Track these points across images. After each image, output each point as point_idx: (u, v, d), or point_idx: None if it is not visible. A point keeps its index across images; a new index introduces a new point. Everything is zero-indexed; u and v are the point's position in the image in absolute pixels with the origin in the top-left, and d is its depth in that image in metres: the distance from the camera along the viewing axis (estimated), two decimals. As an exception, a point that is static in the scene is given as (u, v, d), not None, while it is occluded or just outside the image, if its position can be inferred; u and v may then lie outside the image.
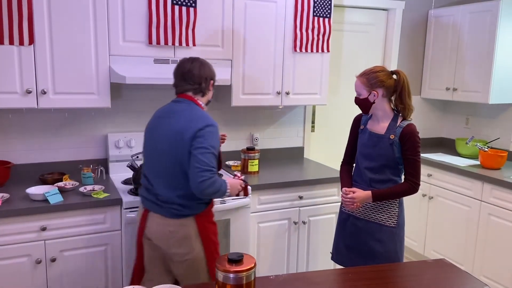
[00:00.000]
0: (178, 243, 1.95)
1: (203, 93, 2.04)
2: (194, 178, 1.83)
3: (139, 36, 2.55)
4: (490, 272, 3.11)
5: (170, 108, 2.01)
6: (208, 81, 2.04)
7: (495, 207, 3.05)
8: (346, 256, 2.29)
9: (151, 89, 2.97)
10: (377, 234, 2.18)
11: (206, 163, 1.83)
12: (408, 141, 2.09)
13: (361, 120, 2.31)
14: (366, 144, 2.20)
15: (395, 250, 2.19)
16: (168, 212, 1.95)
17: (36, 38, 2.32)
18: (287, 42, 2.99)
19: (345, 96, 3.83)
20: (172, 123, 1.93)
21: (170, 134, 1.92)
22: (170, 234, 1.95)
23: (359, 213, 2.23)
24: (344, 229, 2.30)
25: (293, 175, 2.98)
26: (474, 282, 1.71)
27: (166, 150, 1.92)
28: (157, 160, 1.96)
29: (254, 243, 2.81)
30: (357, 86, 2.16)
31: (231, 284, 1.41)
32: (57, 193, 2.30)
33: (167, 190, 1.94)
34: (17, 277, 2.23)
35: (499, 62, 3.36)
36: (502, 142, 3.65)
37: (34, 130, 2.71)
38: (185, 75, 2.00)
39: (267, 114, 3.41)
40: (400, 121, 2.15)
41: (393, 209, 2.18)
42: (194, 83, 2.01)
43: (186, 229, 1.95)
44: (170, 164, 1.92)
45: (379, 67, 2.15)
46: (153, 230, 1.99)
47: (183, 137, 1.88)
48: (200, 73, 2.00)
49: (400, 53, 3.91)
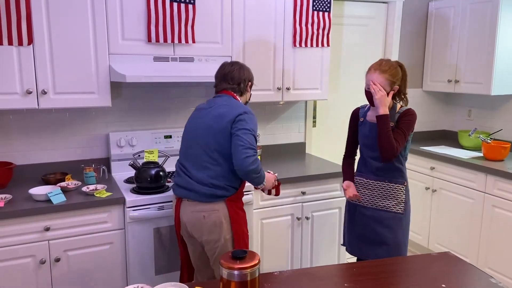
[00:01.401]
0: (210, 229, 2.03)
1: (241, 92, 2.21)
2: (238, 155, 1.96)
3: (138, 34, 2.54)
4: (495, 264, 3.11)
5: (211, 101, 2.19)
6: (246, 82, 2.21)
7: (499, 198, 3.04)
8: (357, 247, 2.35)
9: (151, 87, 2.96)
10: (385, 221, 2.24)
11: (249, 142, 1.98)
12: (403, 118, 2.17)
13: (359, 113, 2.36)
14: (368, 135, 2.25)
15: (403, 236, 2.26)
16: (199, 195, 2.03)
17: (35, 38, 2.31)
18: (287, 37, 2.97)
19: (346, 90, 3.81)
20: (212, 111, 2.11)
21: (209, 118, 2.08)
22: (203, 219, 2.03)
23: (367, 202, 2.29)
24: (353, 220, 2.36)
25: (295, 170, 2.97)
26: (480, 275, 1.71)
27: (204, 132, 2.08)
28: (194, 143, 2.10)
29: (257, 239, 2.81)
30: (380, 82, 2.14)
31: (236, 281, 1.41)
32: (60, 193, 2.30)
33: (200, 172, 2.06)
34: (21, 277, 2.23)
35: (501, 53, 3.34)
36: (505, 133, 3.63)
37: (35, 131, 2.70)
38: (226, 76, 2.18)
39: (268, 110, 3.40)
40: (399, 108, 2.23)
41: (400, 196, 2.23)
42: (233, 83, 2.18)
43: (218, 214, 2.03)
44: (205, 145, 2.06)
45: (394, 61, 2.20)
46: (187, 218, 2.09)
47: (222, 120, 2.04)
48: (239, 75, 2.18)
49: (400, 46, 3.88)
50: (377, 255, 2.26)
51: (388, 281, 1.64)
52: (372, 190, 2.28)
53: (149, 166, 2.47)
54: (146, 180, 2.44)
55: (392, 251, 2.24)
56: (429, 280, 1.66)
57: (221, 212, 2.05)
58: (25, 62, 2.31)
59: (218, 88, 2.23)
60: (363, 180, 2.32)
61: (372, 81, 2.14)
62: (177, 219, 2.18)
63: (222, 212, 2.05)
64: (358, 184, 2.35)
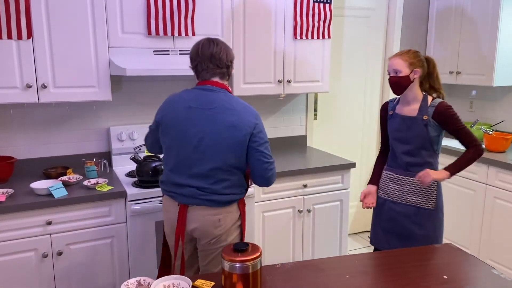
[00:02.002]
0: (223, 230, 1.94)
1: (229, 76, 1.96)
2: (264, 173, 1.91)
3: (138, 27, 2.52)
4: (497, 256, 3.11)
5: (205, 98, 1.87)
6: (232, 64, 1.95)
7: (500, 190, 3.03)
8: (383, 240, 2.32)
9: (151, 80, 2.95)
10: (415, 217, 2.21)
11: (271, 155, 1.92)
12: (446, 117, 2.12)
13: (388, 106, 2.32)
14: (398, 129, 2.22)
15: (434, 232, 2.22)
16: (215, 203, 1.90)
17: (34, 32, 2.30)
18: (288, 30, 2.96)
19: (347, 83, 3.80)
20: (219, 116, 1.84)
21: (220, 127, 1.83)
22: (219, 222, 1.92)
23: (396, 197, 2.25)
24: (381, 214, 2.33)
25: (297, 163, 2.97)
26: (481, 266, 1.71)
27: (217, 144, 1.84)
28: (200, 153, 1.86)
29: (259, 232, 2.82)
30: (397, 64, 2.13)
31: (238, 274, 1.41)
32: (61, 187, 2.31)
33: (214, 185, 1.88)
34: (24, 271, 2.24)
35: (503, 44, 3.32)
36: (507, 124, 3.62)
37: (36, 125, 2.70)
38: (214, 57, 1.87)
39: (269, 103, 3.39)
40: (431, 100, 2.17)
41: (431, 192, 2.19)
42: (222, 67, 1.90)
43: (232, 216, 1.96)
44: (221, 160, 1.86)
45: (419, 52, 2.18)
46: (198, 223, 1.91)
47: (238, 132, 1.84)
48: (227, 57, 1.90)
49: (402, 37, 3.86)
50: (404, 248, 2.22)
51: (389, 273, 1.64)
52: (402, 186, 2.22)
53: (150, 160, 2.47)
54: (147, 174, 2.44)
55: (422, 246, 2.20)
56: (431, 271, 1.66)
57: (235, 214, 1.97)
58: (24, 56, 2.30)
59: (206, 74, 1.90)
60: (393, 175, 2.27)
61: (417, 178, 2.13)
62: (181, 225, 1.93)
63: (236, 212, 1.98)
64: (387, 178, 2.29)
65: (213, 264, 2.00)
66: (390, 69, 2.16)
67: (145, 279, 1.58)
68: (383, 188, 2.32)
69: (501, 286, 1.55)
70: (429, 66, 2.19)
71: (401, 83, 2.13)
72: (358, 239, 3.99)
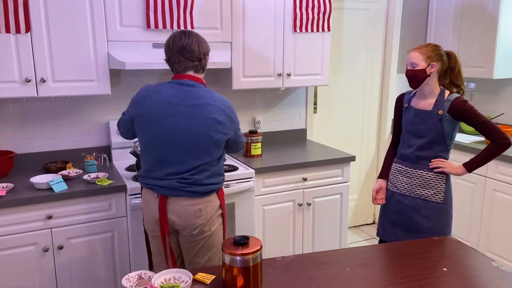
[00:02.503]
0: (205, 221, 1.95)
1: (203, 70, 1.96)
2: (239, 148, 2.11)
3: (136, 20, 2.51)
4: (496, 248, 3.12)
5: (186, 94, 1.87)
6: (206, 57, 1.94)
7: (500, 182, 3.04)
8: (390, 233, 2.32)
9: (151, 74, 2.94)
10: (423, 210, 2.21)
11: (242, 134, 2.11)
12: (463, 111, 2.10)
13: (404, 99, 2.31)
14: (412, 122, 2.21)
15: (442, 226, 2.21)
16: (195, 193, 1.91)
17: (32, 26, 2.29)
18: (287, 22, 2.94)
19: (347, 76, 3.79)
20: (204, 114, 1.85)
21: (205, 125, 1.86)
22: (199, 213, 1.93)
23: (405, 190, 2.25)
24: (388, 206, 2.33)
25: (297, 157, 2.97)
26: (481, 258, 1.71)
27: (201, 140, 1.86)
28: (185, 150, 1.87)
29: (259, 225, 2.82)
30: (414, 57, 2.12)
31: (238, 267, 1.42)
32: (61, 181, 2.31)
33: (195, 175, 1.90)
34: (25, 265, 2.25)
35: (503, 36, 3.30)
36: (507, 117, 3.61)
37: (35, 119, 2.70)
38: (184, 50, 1.87)
39: (268, 96, 3.38)
40: (448, 95, 2.16)
41: (439, 185, 2.19)
42: (194, 59, 1.89)
43: (213, 204, 1.97)
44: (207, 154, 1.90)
45: (439, 46, 2.16)
46: (179, 214, 1.91)
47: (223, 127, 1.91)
48: (199, 49, 1.89)
49: (402, 29, 3.84)
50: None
51: (389, 265, 1.65)
52: (411, 178, 2.22)
53: (150, 154, 2.47)
54: (147, 168, 2.44)
55: None
56: (431, 263, 1.66)
57: (215, 203, 1.98)
58: (23, 50, 2.29)
59: (178, 67, 1.91)
60: (402, 168, 2.26)
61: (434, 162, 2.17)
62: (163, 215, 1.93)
63: (216, 202, 1.99)
64: (396, 171, 2.29)
65: (198, 256, 2.00)
66: (408, 62, 2.15)
67: (146, 272, 1.58)
68: (392, 180, 2.32)
69: (500, 278, 1.56)
70: (451, 60, 2.17)
71: (417, 76, 2.11)
72: (358, 232, 4.00)
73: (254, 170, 2.67)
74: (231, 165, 2.75)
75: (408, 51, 2.18)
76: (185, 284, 1.44)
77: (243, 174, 2.63)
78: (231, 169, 2.67)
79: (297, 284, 1.51)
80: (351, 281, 1.53)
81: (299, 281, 1.53)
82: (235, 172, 2.63)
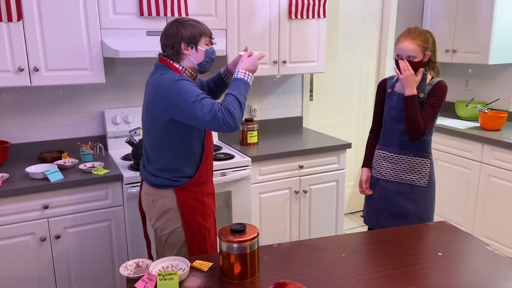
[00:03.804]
0: (157, 215, 1.91)
1: (179, 57, 1.84)
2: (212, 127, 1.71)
3: (130, 7, 2.48)
4: (491, 232, 3.15)
5: (150, 77, 1.88)
6: (179, 44, 1.80)
7: (495, 168, 3.06)
8: (375, 219, 2.33)
9: (145, 62, 2.92)
10: (409, 195, 2.22)
11: (205, 112, 1.67)
12: (435, 93, 2.12)
13: (387, 84, 2.30)
14: (396, 107, 2.20)
15: (426, 208, 2.24)
16: (149, 182, 1.92)
17: (24, 14, 2.25)
18: (282, 9, 2.92)
19: (343, 63, 3.77)
20: (145, 96, 1.86)
21: (146, 104, 1.85)
22: (152, 203, 1.92)
23: (390, 176, 2.25)
24: (373, 193, 2.33)
25: (293, 144, 2.97)
26: (476, 243, 1.73)
27: (143, 123, 1.90)
28: (143, 131, 1.93)
29: (256, 213, 2.83)
30: (412, 49, 2.07)
31: (235, 254, 1.43)
32: (57, 171, 2.30)
33: (149, 163, 1.93)
34: (22, 255, 2.25)
35: (499, 21, 3.29)
36: (502, 103, 3.62)
37: (29, 109, 2.68)
38: (162, 36, 1.85)
39: (264, 84, 3.36)
40: (430, 79, 2.16)
41: (424, 169, 2.20)
42: (167, 46, 1.83)
43: (165, 201, 1.88)
44: (146, 137, 1.90)
45: (423, 29, 2.13)
46: (142, 199, 2.02)
47: (153, 108, 1.79)
48: (175, 37, 1.80)
49: (398, 15, 3.82)
50: (397, 226, 2.22)
51: (385, 251, 1.66)
52: (396, 164, 2.22)
53: (146, 143, 2.46)
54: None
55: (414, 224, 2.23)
56: (426, 248, 1.68)
57: (169, 199, 1.88)
58: (15, 39, 2.26)
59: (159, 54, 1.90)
60: (387, 154, 2.26)
61: (401, 59, 2.08)
62: (139, 201, 2.07)
63: (171, 198, 1.87)
64: (380, 157, 2.29)
65: (167, 250, 1.97)
66: (403, 53, 2.09)
67: (143, 260, 1.59)
68: (376, 167, 2.32)
69: (495, 262, 1.58)
70: (433, 41, 2.15)
71: (416, 68, 2.10)
72: (354, 218, 4.03)
73: (250, 158, 2.68)
74: (227, 154, 2.75)
75: (399, 38, 2.12)
76: (182, 271, 1.45)
77: (240, 162, 2.63)
78: (227, 158, 2.66)
79: (294, 270, 1.53)
80: (347, 267, 1.55)
81: (296, 267, 1.55)
82: (232, 160, 2.63)
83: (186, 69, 1.86)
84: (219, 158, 2.65)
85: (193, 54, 1.84)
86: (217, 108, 1.68)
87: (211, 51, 1.88)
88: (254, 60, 1.86)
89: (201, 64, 1.87)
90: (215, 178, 2.51)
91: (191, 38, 1.82)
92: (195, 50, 1.84)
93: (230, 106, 1.70)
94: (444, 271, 1.51)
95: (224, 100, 1.74)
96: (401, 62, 2.08)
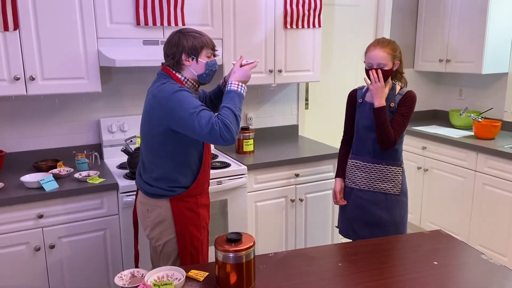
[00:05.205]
0: (152, 225, 1.90)
1: (179, 67, 1.83)
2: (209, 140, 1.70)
3: (126, 17, 2.49)
4: (486, 241, 3.16)
5: (151, 86, 1.89)
6: (180, 54, 1.80)
7: (489, 176, 3.08)
8: (350, 228, 2.34)
9: (141, 71, 2.93)
10: (383, 203, 2.24)
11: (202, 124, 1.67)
12: (405, 103, 2.17)
13: (357, 94, 2.33)
14: (368, 117, 2.22)
15: (400, 216, 2.27)
16: (143, 190, 1.91)
17: (21, 23, 2.26)
18: (278, 19, 2.94)
19: (338, 71, 3.80)
20: (145, 104, 1.86)
21: (145, 112, 1.85)
22: (147, 213, 1.91)
23: (364, 185, 2.27)
24: (347, 203, 2.34)
25: (289, 153, 2.98)
26: (471, 251, 1.74)
27: (141, 132, 1.90)
28: (141, 140, 1.92)
29: (252, 222, 2.83)
30: (382, 57, 2.11)
31: (231, 263, 1.42)
32: (52, 180, 2.29)
33: (145, 172, 1.92)
34: (17, 265, 2.23)
35: (492, 31, 3.33)
36: (496, 112, 3.65)
37: (25, 118, 2.67)
38: (165, 45, 1.85)
39: (260, 93, 3.38)
40: (399, 89, 2.21)
41: (397, 178, 2.23)
42: (168, 55, 1.84)
43: (160, 211, 1.87)
44: (143, 145, 1.90)
45: (389, 38, 2.19)
46: (137, 208, 2.00)
47: (149, 119, 1.80)
48: (177, 48, 1.80)
49: (392, 26, 3.86)
50: (372, 234, 2.27)
51: (381, 260, 1.66)
52: (369, 173, 2.25)
53: (142, 151, 2.46)
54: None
55: (389, 231, 2.25)
56: (421, 257, 1.68)
57: (164, 209, 1.87)
58: (11, 48, 2.26)
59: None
60: (360, 163, 2.28)
61: (372, 70, 2.11)
62: (134, 207, 2.07)
63: (166, 208, 1.86)
64: (353, 166, 2.30)
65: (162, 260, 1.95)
66: (373, 61, 2.13)
67: (138, 270, 1.58)
68: (350, 177, 2.33)
69: (490, 271, 1.58)
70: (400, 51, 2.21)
71: (386, 76, 2.14)
72: (350, 227, 4.03)
73: (246, 167, 2.68)
74: (223, 162, 2.75)
75: (369, 47, 2.15)
76: (178, 281, 1.44)
77: (236, 170, 2.64)
78: (223, 166, 2.67)
79: (290, 279, 1.52)
80: (344, 276, 1.55)
81: (292, 276, 1.54)
82: (228, 168, 2.63)
83: (188, 79, 1.86)
84: (215, 167, 2.65)
85: (193, 65, 1.83)
86: (214, 121, 1.68)
87: (212, 64, 1.87)
88: (246, 71, 1.86)
89: (201, 76, 1.86)
90: (211, 187, 2.51)
91: (192, 49, 1.81)
92: (196, 62, 1.83)
93: (226, 119, 1.71)
94: (440, 280, 1.52)
95: (220, 113, 1.74)
96: (372, 73, 2.12)
